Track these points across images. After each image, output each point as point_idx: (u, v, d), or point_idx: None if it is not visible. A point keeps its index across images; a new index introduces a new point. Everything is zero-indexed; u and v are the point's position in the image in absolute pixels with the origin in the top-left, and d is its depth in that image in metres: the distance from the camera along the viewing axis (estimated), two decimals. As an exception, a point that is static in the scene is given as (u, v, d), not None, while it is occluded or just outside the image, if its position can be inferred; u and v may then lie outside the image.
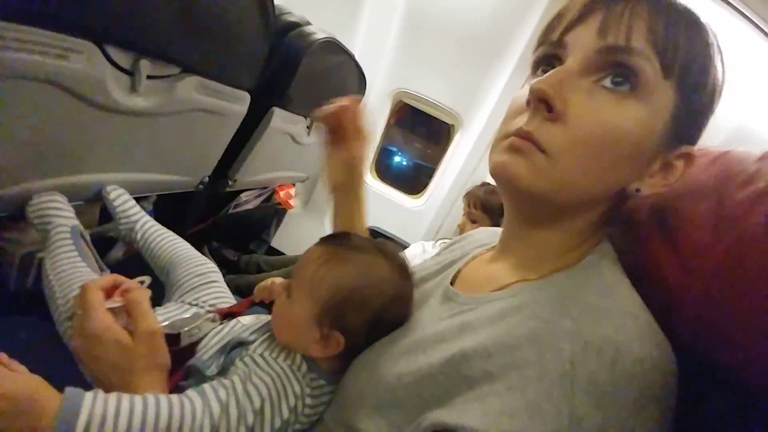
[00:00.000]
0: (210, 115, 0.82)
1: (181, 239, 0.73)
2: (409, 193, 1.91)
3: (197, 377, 0.46)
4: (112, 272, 0.61)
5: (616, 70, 0.33)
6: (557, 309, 0.33)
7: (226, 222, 1.27)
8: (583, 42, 0.34)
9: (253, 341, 0.48)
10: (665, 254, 0.40)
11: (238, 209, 1.31)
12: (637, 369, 0.28)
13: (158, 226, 0.74)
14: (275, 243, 1.80)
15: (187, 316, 0.56)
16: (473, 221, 1.31)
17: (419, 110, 1.75)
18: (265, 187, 1.42)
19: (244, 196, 1.29)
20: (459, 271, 0.50)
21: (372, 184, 1.88)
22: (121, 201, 0.73)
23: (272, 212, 1.63)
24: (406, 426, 0.34)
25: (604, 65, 0.33)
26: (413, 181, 2.01)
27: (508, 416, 0.28)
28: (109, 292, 0.45)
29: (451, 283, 0.48)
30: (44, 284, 0.57)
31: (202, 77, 0.73)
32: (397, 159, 2.09)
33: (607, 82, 0.33)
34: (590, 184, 0.35)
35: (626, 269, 0.38)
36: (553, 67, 0.36)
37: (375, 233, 1.71)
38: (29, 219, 0.62)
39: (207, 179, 0.98)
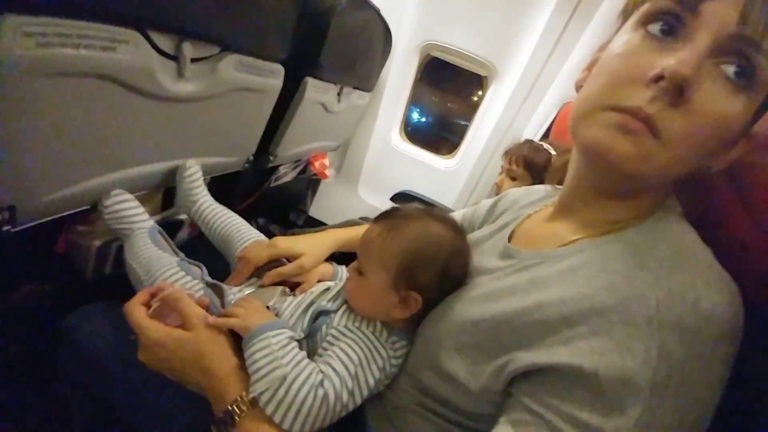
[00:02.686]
0: (249, 93, 0.80)
1: (233, 215, 0.76)
2: (440, 154, 1.86)
3: None
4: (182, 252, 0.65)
5: (740, 60, 0.32)
6: (631, 263, 0.34)
7: (269, 196, 1.30)
8: (721, 20, 0.31)
9: (335, 310, 0.52)
10: (737, 210, 0.40)
11: (278, 182, 1.32)
12: (717, 311, 0.30)
13: (215, 205, 0.78)
14: (313, 212, 1.83)
15: (251, 291, 0.60)
16: (513, 179, 1.25)
17: (447, 64, 1.65)
18: (299, 160, 1.42)
19: (282, 169, 1.30)
20: (513, 231, 0.53)
21: (402, 146, 1.84)
22: (191, 179, 0.77)
23: (307, 183, 1.64)
24: (485, 364, 0.39)
25: (731, 52, 0.32)
26: (444, 141, 1.95)
27: (598, 354, 0.31)
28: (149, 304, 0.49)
29: (508, 241, 0.50)
30: (128, 273, 0.61)
31: (239, 54, 0.71)
32: (425, 118, 2.01)
33: (730, 71, 0.32)
34: (687, 168, 0.36)
35: (693, 224, 0.38)
36: (670, 27, 0.34)
37: (408, 197, 1.69)
38: (107, 223, 0.65)
39: (252, 157, 0.98)
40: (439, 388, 0.43)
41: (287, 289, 0.61)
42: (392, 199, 1.70)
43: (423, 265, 0.48)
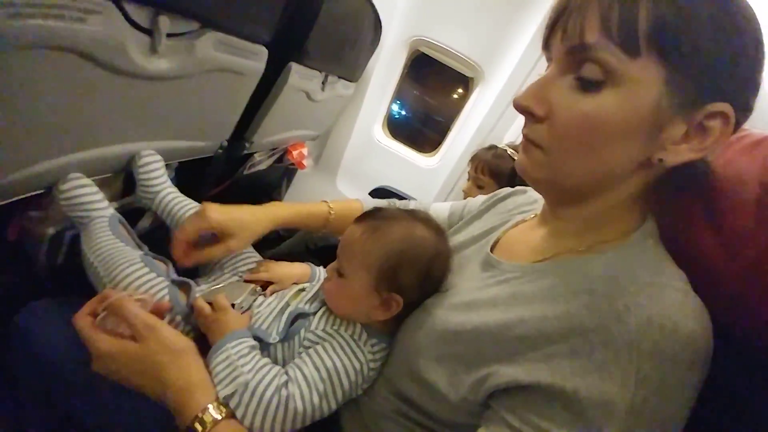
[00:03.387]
0: (228, 75, 0.75)
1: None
2: (421, 150, 1.85)
3: (260, 345, 0.50)
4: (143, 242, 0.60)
5: (586, 65, 0.35)
6: (612, 285, 0.35)
7: (241, 184, 1.24)
8: (556, 48, 0.38)
9: (313, 312, 0.51)
10: (709, 236, 0.41)
11: (252, 170, 1.26)
12: (692, 339, 0.32)
13: (180, 198, 0.71)
14: (286, 201, 1.77)
15: (219, 286, 0.57)
16: (480, 187, 1.20)
17: (434, 61, 1.63)
18: (275, 148, 1.36)
19: (257, 157, 1.24)
20: (498, 239, 0.53)
21: (383, 141, 1.81)
22: (147, 170, 0.69)
23: (283, 172, 1.59)
24: (465, 375, 0.39)
25: (576, 64, 0.36)
26: (425, 138, 1.94)
27: (579, 376, 0.32)
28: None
29: (491, 250, 0.51)
30: (86, 267, 0.56)
31: (220, 32, 0.66)
32: (408, 114, 1.99)
33: (576, 81, 0.36)
34: (587, 167, 0.38)
35: (670, 247, 0.40)
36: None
37: (387, 193, 1.68)
38: (63, 209, 0.59)
39: (226, 143, 0.93)
40: (417, 397, 0.43)
41: (258, 288, 0.59)
42: (371, 194, 1.68)
43: (406, 266, 0.48)
